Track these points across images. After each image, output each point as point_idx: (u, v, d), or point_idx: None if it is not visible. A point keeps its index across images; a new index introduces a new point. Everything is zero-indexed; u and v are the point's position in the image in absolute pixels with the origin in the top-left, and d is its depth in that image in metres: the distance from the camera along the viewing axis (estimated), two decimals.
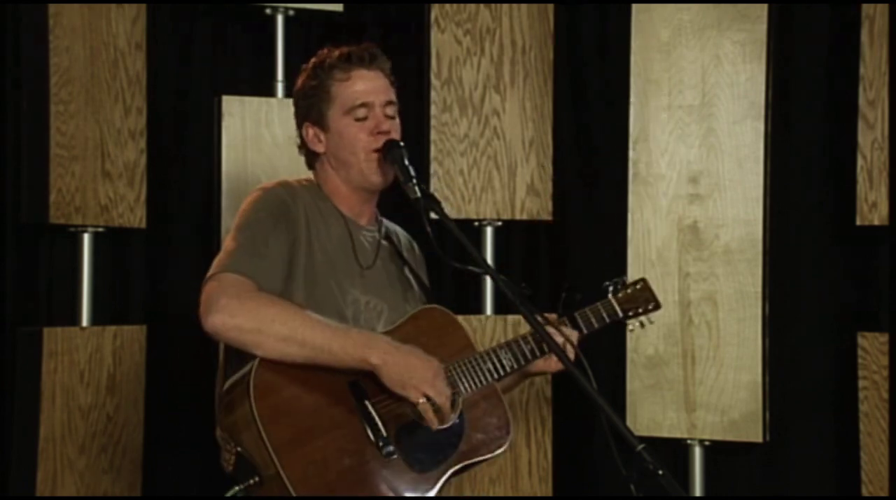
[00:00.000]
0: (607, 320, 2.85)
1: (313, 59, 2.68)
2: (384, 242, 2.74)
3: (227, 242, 2.53)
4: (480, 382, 2.60)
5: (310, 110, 2.65)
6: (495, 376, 2.63)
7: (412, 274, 2.80)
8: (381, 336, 2.50)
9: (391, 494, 2.44)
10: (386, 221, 2.82)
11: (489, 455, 2.60)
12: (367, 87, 2.63)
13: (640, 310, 2.94)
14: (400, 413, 2.50)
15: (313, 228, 2.59)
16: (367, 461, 2.44)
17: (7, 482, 3.53)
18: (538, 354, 2.69)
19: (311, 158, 2.71)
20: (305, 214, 2.59)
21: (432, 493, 2.49)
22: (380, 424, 2.46)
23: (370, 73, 2.64)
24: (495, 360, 2.64)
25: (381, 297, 2.65)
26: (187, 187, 3.91)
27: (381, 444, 2.45)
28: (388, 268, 2.73)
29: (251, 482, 2.40)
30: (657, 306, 2.97)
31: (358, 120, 2.61)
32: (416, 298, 2.78)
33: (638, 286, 2.95)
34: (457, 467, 2.54)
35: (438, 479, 2.50)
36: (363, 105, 2.61)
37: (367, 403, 2.47)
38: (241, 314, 2.40)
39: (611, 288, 2.89)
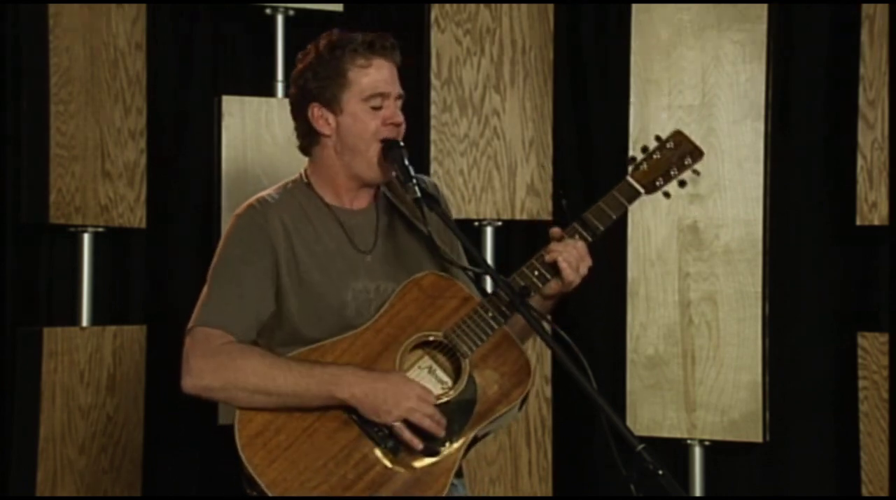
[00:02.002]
0: (627, 204, 2.60)
1: (324, 41, 2.62)
2: (384, 218, 2.68)
3: (205, 287, 2.55)
4: (486, 333, 2.52)
5: (321, 91, 2.60)
6: (502, 319, 2.53)
7: (424, 239, 2.67)
8: (347, 368, 2.46)
9: (406, 489, 2.42)
10: (387, 189, 2.72)
11: (510, 406, 2.53)
12: (386, 76, 2.60)
13: (673, 171, 2.61)
14: None
15: (297, 237, 2.57)
16: (371, 466, 2.43)
17: (7, 482, 3.54)
18: (548, 277, 2.56)
19: (312, 141, 2.65)
20: (284, 227, 2.57)
21: (453, 471, 2.45)
22: (378, 424, 2.45)
23: (387, 63, 2.61)
24: (498, 302, 2.53)
25: (390, 277, 2.61)
26: (187, 187, 3.91)
27: (384, 444, 2.44)
28: (394, 244, 2.67)
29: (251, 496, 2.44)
30: (698, 155, 2.61)
31: (373, 108, 2.60)
32: (428, 264, 2.67)
33: (669, 145, 2.63)
34: (475, 430, 2.50)
35: (455, 455, 2.47)
36: (381, 94, 2.59)
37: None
38: (207, 375, 2.45)
39: (632, 163, 2.62)
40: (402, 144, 2.60)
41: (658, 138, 2.65)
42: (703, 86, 3.73)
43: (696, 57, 3.74)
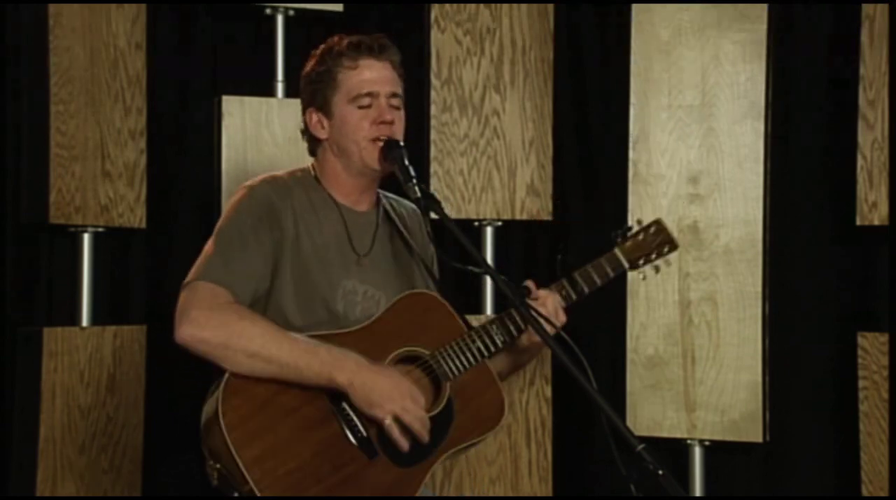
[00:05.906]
0: (612, 274, 2.75)
1: (322, 46, 2.67)
2: (383, 225, 2.72)
3: (207, 245, 2.55)
4: (469, 362, 2.56)
5: (315, 96, 2.65)
6: (486, 353, 2.58)
7: (414, 254, 2.74)
8: (351, 355, 2.46)
9: (374, 495, 2.43)
10: (386, 199, 2.77)
11: (479, 438, 2.57)
12: (374, 76, 2.62)
13: (653, 256, 2.80)
14: None
15: (302, 223, 2.59)
16: (346, 464, 2.43)
17: (7, 482, 3.54)
18: (514, 333, 2.63)
19: (314, 145, 2.70)
20: (293, 210, 2.58)
21: (420, 487, 2.47)
22: (359, 424, 2.46)
23: (378, 63, 2.64)
24: (485, 337, 2.58)
25: (379, 285, 2.64)
26: (187, 187, 3.91)
27: (362, 446, 2.44)
28: (388, 252, 2.70)
29: (234, 497, 2.43)
30: (673, 248, 2.81)
31: (361, 108, 2.61)
32: (418, 279, 2.73)
33: (651, 230, 2.80)
34: (446, 455, 2.52)
35: (425, 471, 2.48)
36: (368, 94, 2.61)
37: (344, 405, 2.46)
38: (209, 328, 2.42)
39: (618, 238, 2.77)
40: (402, 144, 2.61)
41: (639, 222, 2.82)
42: (703, 86, 3.73)
43: (696, 57, 3.74)
